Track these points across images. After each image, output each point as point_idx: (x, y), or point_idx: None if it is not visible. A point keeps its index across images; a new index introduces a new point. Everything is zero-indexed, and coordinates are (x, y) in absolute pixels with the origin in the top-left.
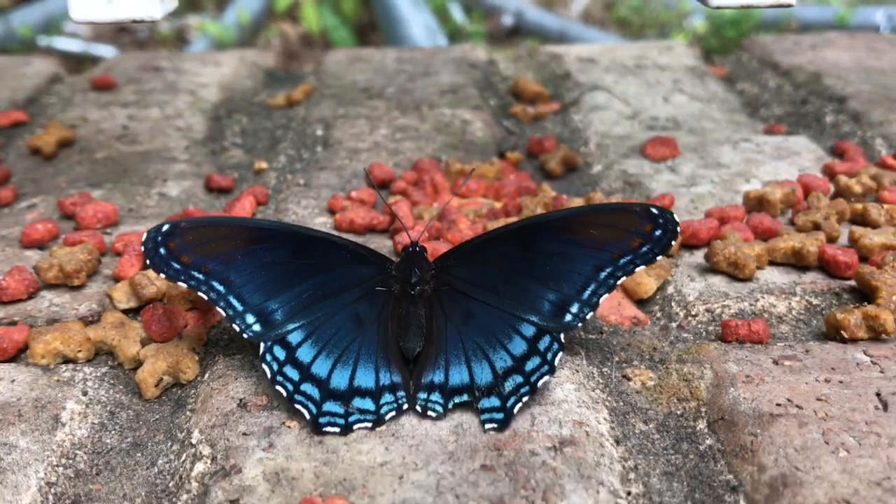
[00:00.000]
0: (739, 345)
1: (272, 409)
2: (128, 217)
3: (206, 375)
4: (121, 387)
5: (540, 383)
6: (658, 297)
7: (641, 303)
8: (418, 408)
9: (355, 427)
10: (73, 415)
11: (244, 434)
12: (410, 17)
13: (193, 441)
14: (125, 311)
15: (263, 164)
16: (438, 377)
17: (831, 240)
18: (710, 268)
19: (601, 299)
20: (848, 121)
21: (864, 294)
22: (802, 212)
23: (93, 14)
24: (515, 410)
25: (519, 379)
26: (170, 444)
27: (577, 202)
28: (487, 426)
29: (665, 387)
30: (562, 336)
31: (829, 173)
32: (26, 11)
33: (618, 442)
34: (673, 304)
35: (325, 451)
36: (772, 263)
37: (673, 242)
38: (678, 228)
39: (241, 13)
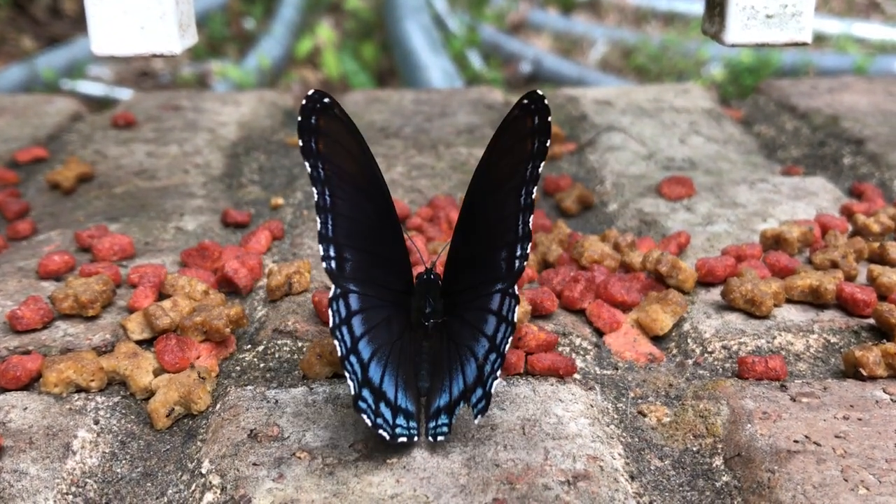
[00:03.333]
0: (756, 382)
1: (283, 440)
2: (144, 250)
3: (218, 406)
4: (132, 416)
5: (507, 347)
6: (674, 333)
7: (657, 339)
8: (430, 437)
9: (378, 431)
10: (85, 443)
11: (254, 464)
12: (430, 63)
13: (203, 471)
14: (139, 342)
15: (280, 200)
16: (444, 399)
17: (849, 278)
18: (727, 305)
19: (531, 222)
20: (866, 162)
21: (883, 332)
22: (820, 250)
23: (114, 48)
24: (493, 389)
25: (493, 356)
26: (180, 473)
27: (593, 240)
28: (477, 419)
29: (681, 423)
30: (515, 289)
31: (847, 213)
32: (51, 56)
33: (633, 478)
34: (689, 340)
35: (336, 482)
36: (789, 301)
37: (549, 119)
38: (546, 102)
39: (262, 59)
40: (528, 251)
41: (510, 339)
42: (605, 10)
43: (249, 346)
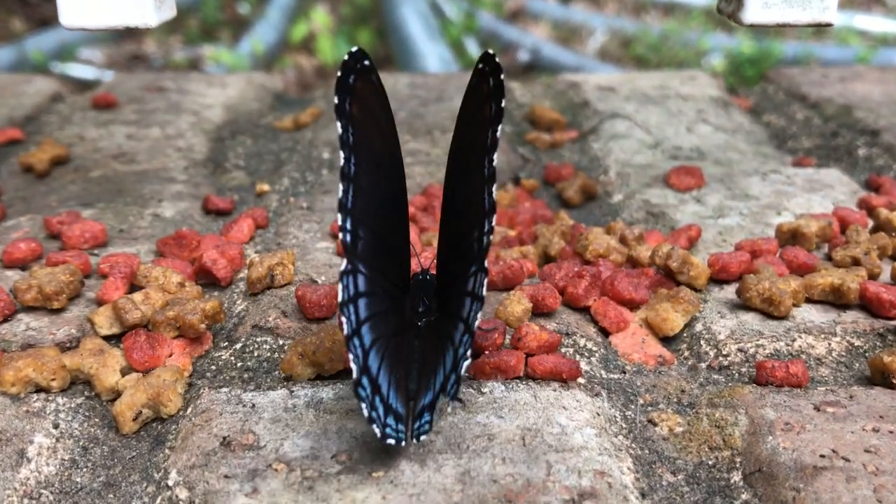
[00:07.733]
0: (776, 388)
1: (258, 450)
2: (117, 238)
3: (189, 410)
4: (96, 420)
5: (476, 323)
6: (685, 334)
7: (667, 340)
8: (414, 438)
9: (372, 425)
10: (41, 450)
11: (226, 477)
12: (426, 51)
13: (170, 483)
14: (106, 338)
15: (266, 187)
16: (428, 398)
17: (872, 276)
18: (742, 304)
19: (494, 193)
20: (882, 154)
21: None
22: (841, 246)
23: (85, 20)
24: (464, 370)
25: (466, 336)
26: (145, 484)
27: (598, 232)
28: (451, 405)
29: (695, 433)
30: (485, 262)
31: (867, 207)
32: (41, 38)
33: (643, 495)
34: (702, 342)
35: (315, 498)
36: (808, 301)
37: (502, 78)
38: (498, 61)
39: (255, 44)
40: (493, 224)
41: (479, 315)
42: None
43: (227, 343)
